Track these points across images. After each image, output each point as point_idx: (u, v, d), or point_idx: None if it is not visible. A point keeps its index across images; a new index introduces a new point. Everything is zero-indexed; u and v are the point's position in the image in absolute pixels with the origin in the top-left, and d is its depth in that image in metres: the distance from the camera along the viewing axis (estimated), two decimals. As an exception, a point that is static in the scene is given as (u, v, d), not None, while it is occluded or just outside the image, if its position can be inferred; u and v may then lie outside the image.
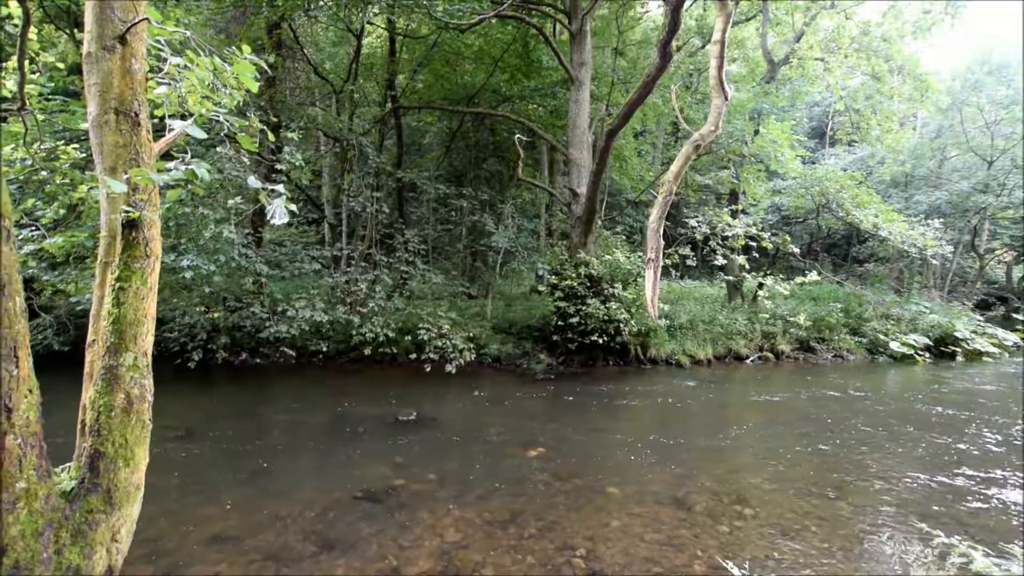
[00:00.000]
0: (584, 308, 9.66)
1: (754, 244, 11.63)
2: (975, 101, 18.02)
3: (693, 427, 7.08)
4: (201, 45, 2.49)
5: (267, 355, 9.81)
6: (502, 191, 15.68)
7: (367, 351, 9.55)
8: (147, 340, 2.31)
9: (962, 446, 6.38)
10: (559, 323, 9.98)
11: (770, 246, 11.13)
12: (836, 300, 14.01)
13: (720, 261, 11.67)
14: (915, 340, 12.59)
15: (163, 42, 2.34)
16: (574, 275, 9.82)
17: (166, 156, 2.65)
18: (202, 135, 2.16)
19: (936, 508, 4.73)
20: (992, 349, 13.21)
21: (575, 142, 10.84)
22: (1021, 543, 4.04)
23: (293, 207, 2.30)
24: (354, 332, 9.62)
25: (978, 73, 19.52)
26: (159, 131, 2.51)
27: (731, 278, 13.72)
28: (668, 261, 11.28)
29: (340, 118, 12.24)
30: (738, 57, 17.54)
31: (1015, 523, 4.48)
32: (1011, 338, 14.30)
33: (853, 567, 3.75)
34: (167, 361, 9.19)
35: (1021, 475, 5.50)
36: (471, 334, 10.33)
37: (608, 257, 10.15)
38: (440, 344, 9.45)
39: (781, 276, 12.80)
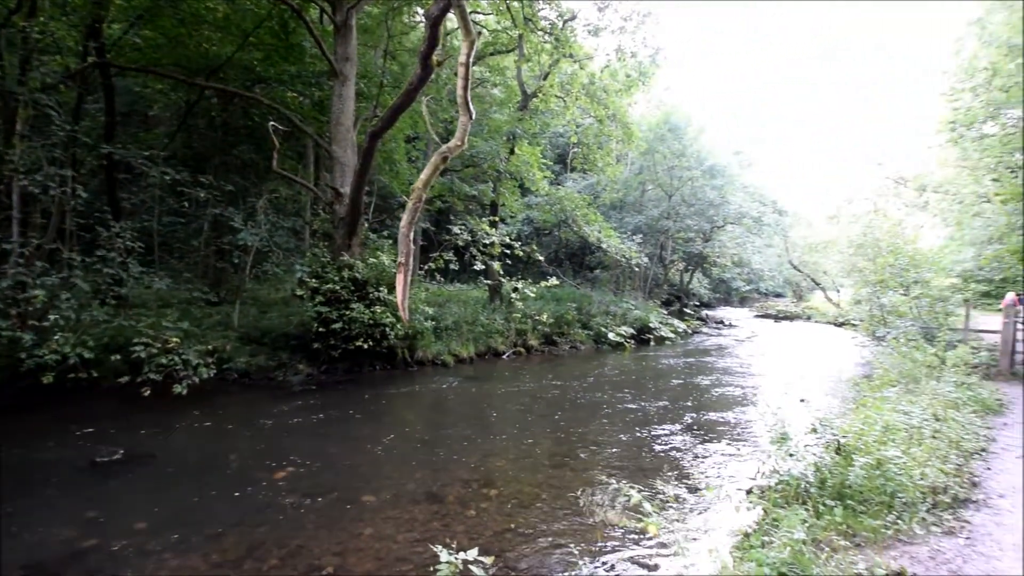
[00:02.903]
0: (348, 313, 9.27)
1: (508, 252, 13.04)
2: (662, 149, 24.01)
3: (453, 422, 7.51)
4: None
5: None
6: (258, 183, 13.86)
7: (47, 379, 7.17)
8: None
9: (637, 412, 8.35)
10: (320, 329, 9.34)
11: (521, 254, 12.66)
12: (572, 300, 16.76)
13: (480, 266, 12.70)
14: (624, 331, 16.01)
15: None
16: (337, 278, 9.33)
17: None
18: None
19: (621, 462, 6.05)
20: (671, 335, 17.75)
21: (338, 139, 10.34)
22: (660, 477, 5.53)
23: None
24: (25, 355, 7.14)
25: (663, 129, 26.13)
26: None
27: (491, 282, 15.08)
28: (434, 265, 11.74)
29: (3, 62, 8.97)
30: (499, 83, 19.37)
31: (664, 464, 6.08)
32: (681, 326, 19.54)
33: (566, 519, 4.52)
34: None
35: (667, 429, 7.49)
36: (211, 346, 8.81)
37: (373, 260, 9.98)
38: (165, 361, 7.76)
39: (530, 280, 14.66)
